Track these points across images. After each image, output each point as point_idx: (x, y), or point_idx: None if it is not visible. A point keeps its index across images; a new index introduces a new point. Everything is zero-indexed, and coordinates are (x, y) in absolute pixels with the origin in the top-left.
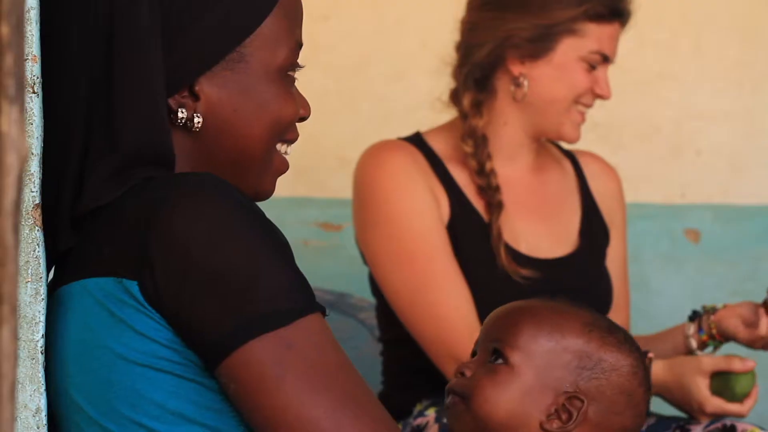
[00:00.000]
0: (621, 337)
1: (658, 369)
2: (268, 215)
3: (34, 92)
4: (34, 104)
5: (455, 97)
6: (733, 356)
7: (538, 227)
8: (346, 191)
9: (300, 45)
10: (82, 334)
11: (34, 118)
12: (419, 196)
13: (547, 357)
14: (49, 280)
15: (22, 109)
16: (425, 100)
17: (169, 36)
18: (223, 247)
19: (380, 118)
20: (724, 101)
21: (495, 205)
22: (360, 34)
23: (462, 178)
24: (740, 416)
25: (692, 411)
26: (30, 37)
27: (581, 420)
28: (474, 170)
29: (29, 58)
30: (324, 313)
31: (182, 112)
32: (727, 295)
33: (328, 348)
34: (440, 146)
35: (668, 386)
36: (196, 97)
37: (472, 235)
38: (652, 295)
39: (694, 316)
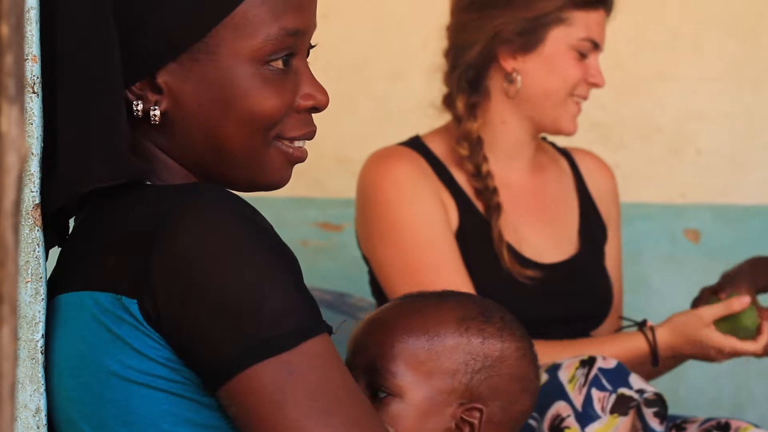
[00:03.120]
0: (498, 323)
1: (664, 335)
2: (267, 215)
3: (34, 92)
4: (34, 104)
5: (449, 101)
6: (731, 299)
7: (538, 231)
8: (346, 191)
9: (290, 32)
10: (78, 347)
11: (34, 118)
12: (426, 204)
13: (431, 371)
14: None
15: (22, 109)
16: (425, 100)
17: (127, 26)
18: (226, 269)
19: (380, 118)
20: (724, 101)
21: (494, 207)
22: (360, 34)
23: (463, 180)
24: (756, 355)
25: (711, 358)
26: (30, 37)
27: (484, 426)
28: (471, 173)
29: (29, 58)
30: (330, 332)
31: (137, 105)
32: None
33: (332, 371)
34: (440, 149)
35: (679, 348)
36: (159, 89)
37: (479, 238)
38: (652, 295)
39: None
